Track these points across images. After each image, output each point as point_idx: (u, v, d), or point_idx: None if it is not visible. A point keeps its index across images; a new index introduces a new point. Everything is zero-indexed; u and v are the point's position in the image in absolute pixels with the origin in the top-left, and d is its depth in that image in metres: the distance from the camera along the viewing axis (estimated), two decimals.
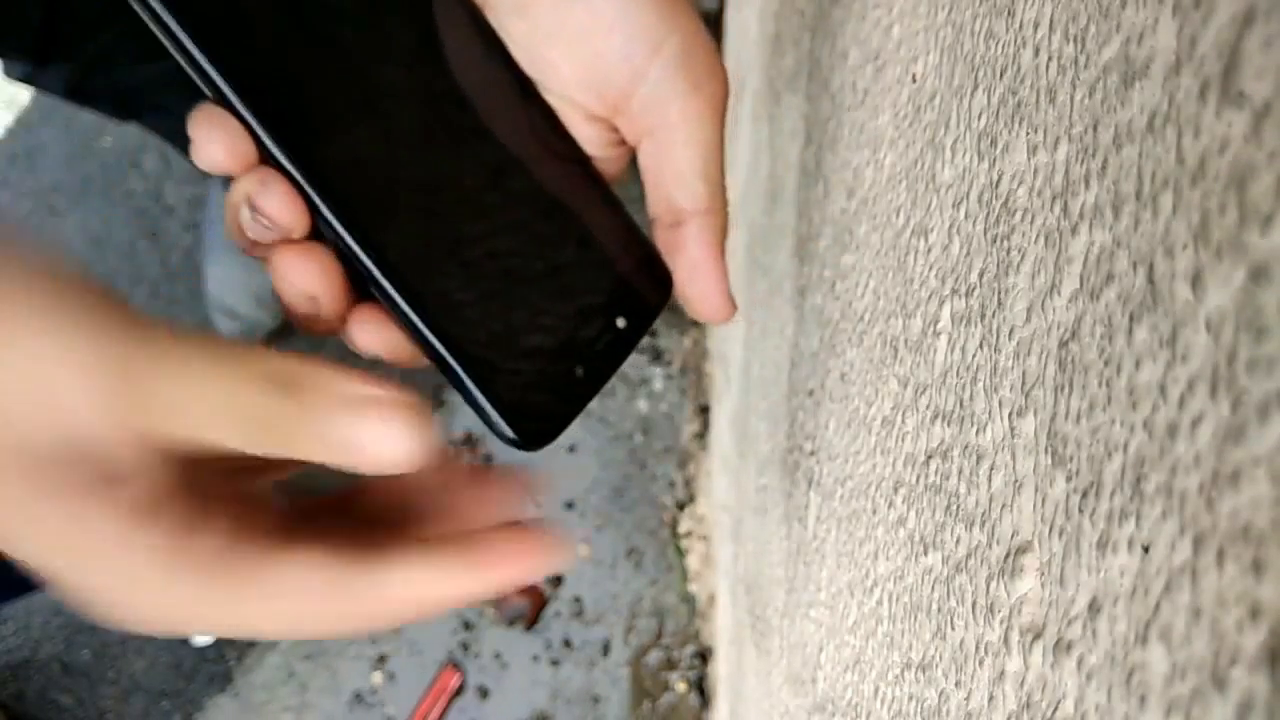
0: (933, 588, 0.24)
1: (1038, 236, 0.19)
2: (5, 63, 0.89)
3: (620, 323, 0.26)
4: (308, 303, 0.24)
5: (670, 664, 1.12)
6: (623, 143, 0.27)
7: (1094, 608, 0.15)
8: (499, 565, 0.24)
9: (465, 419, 1.16)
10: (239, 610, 0.22)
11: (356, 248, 0.23)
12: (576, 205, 0.26)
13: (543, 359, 0.25)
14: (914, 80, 0.29)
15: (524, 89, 0.26)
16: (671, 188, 0.26)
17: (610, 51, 0.25)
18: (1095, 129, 0.17)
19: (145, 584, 0.22)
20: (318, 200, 0.23)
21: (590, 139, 0.27)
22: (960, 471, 0.22)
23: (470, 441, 1.15)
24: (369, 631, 0.23)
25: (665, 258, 0.27)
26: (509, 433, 0.24)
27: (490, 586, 0.24)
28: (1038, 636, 0.17)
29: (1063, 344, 0.17)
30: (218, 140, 0.23)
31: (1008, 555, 0.19)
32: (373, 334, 0.24)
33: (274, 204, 0.23)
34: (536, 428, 0.25)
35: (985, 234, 0.22)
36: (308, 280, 0.23)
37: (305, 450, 0.21)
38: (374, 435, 0.21)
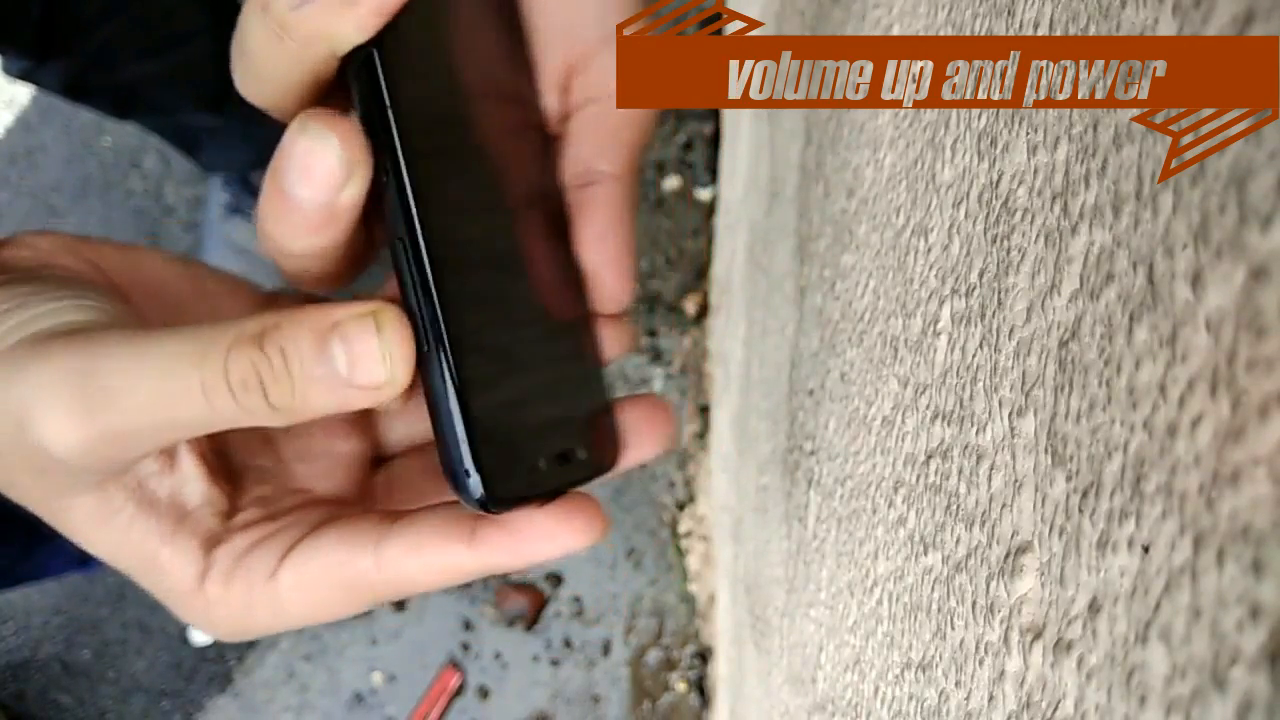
0: (933, 587, 0.24)
1: (1038, 236, 0.19)
2: (4, 59, 0.89)
3: (581, 454, 0.26)
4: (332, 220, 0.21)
5: (670, 664, 1.12)
6: (568, 116, 0.27)
7: (1094, 608, 0.15)
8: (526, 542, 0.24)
9: None
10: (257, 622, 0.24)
11: (425, 252, 0.22)
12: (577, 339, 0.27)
13: (530, 441, 0.25)
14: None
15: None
16: (594, 150, 0.26)
17: (588, 10, 0.26)
18: (1095, 129, 0.17)
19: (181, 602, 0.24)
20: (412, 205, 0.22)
21: (551, 109, 0.27)
22: (960, 471, 0.22)
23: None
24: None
25: (572, 222, 0.27)
26: (477, 487, 0.23)
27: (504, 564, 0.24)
28: (1038, 636, 0.17)
29: (1063, 344, 0.17)
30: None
31: (1008, 555, 0.19)
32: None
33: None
34: (503, 493, 0.24)
35: (985, 234, 0.22)
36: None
37: (301, 405, 0.21)
38: (350, 359, 0.21)
